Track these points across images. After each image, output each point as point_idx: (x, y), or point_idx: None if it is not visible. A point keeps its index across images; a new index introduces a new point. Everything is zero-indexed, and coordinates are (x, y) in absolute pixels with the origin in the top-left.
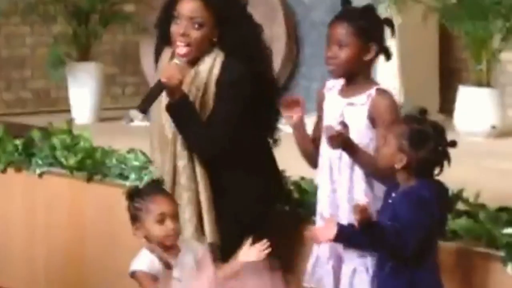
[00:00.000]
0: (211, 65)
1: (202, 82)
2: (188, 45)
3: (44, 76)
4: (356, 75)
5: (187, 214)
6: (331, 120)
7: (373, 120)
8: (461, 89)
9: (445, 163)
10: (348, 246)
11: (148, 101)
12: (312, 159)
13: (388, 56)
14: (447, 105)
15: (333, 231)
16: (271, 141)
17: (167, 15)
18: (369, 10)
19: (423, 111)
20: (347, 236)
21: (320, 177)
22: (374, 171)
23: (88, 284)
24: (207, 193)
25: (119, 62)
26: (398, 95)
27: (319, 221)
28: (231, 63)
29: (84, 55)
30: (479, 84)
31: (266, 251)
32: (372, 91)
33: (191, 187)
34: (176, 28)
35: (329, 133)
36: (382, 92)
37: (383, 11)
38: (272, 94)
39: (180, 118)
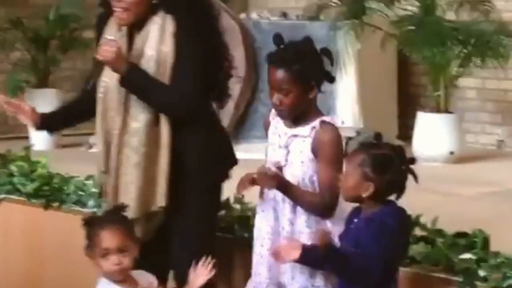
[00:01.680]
0: (162, 23)
1: (153, 41)
2: (126, 9)
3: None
4: (305, 111)
5: (132, 177)
6: (276, 148)
7: (316, 152)
8: (420, 115)
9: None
10: (312, 267)
11: (92, 78)
12: None
13: (331, 80)
14: (405, 131)
15: (297, 252)
16: (216, 102)
17: None
18: (302, 48)
19: (378, 136)
20: (310, 259)
21: (264, 204)
22: (308, 207)
23: None
24: (168, 158)
25: (78, 89)
26: (357, 121)
27: (258, 247)
28: (185, 21)
29: (43, 82)
30: (438, 110)
31: (213, 270)
32: (317, 123)
33: (142, 150)
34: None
35: (260, 174)
36: (326, 124)
37: (341, 38)
38: (221, 53)
39: (139, 87)
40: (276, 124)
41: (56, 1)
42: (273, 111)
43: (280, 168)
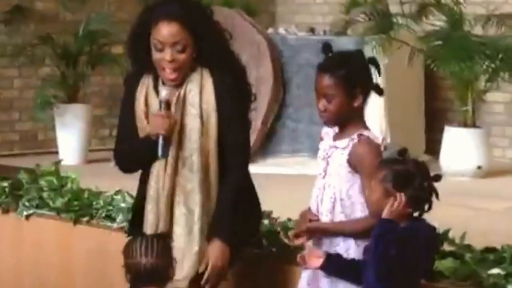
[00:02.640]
0: (200, 81)
1: (196, 99)
2: (177, 69)
3: (32, 118)
4: (349, 120)
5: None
6: (320, 161)
7: (353, 165)
8: (447, 129)
9: (433, 200)
10: (335, 276)
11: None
12: None
13: (380, 93)
14: (433, 146)
15: (319, 261)
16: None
17: (143, 43)
18: (349, 56)
19: (403, 151)
20: (333, 268)
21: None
22: (356, 234)
23: None
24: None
25: (107, 104)
26: (384, 136)
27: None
28: (221, 77)
29: (72, 97)
30: (465, 124)
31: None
32: (355, 136)
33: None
34: (161, 56)
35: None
36: (363, 138)
37: (368, 53)
38: (250, 103)
39: None
40: (326, 138)
41: (85, 17)
42: (324, 128)
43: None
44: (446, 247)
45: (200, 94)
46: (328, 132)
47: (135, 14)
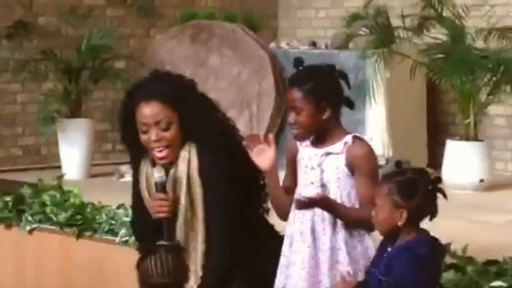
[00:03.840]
0: (188, 159)
1: (183, 178)
2: (165, 147)
3: (34, 133)
4: (324, 130)
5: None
6: (308, 171)
7: (351, 168)
8: (449, 142)
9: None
10: None
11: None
12: (282, 209)
13: (350, 106)
14: (435, 159)
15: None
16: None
17: (130, 128)
18: (317, 69)
19: (399, 163)
20: None
21: (303, 226)
22: (354, 222)
23: None
24: None
25: (110, 118)
26: (386, 149)
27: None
28: (206, 153)
29: (75, 112)
30: (467, 137)
31: None
32: (348, 138)
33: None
34: (147, 137)
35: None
36: (358, 140)
37: (371, 66)
38: (249, 169)
39: None
40: (303, 149)
41: (87, 32)
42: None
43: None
44: (448, 259)
45: (187, 172)
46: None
47: (136, 29)
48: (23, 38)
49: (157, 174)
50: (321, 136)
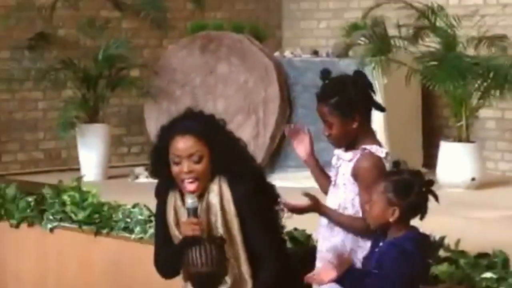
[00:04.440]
0: (219, 191)
1: (217, 210)
2: (196, 180)
3: (55, 138)
4: (355, 136)
5: None
6: (332, 169)
7: (355, 177)
8: (443, 144)
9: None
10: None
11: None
12: (323, 188)
13: (381, 110)
14: (430, 160)
15: (332, 273)
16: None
17: (162, 161)
18: (342, 82)
19: (397, 163)
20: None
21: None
22: (349, 229)
23: None
24: None
25: (125, 124)
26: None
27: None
28: (238, 184)
29: (93, 117)
30: (460, 139)
31: None
32: (359, 149)
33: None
34: (179, 169)
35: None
36: (366, 153)
37: (369, 73)
38: (272, 191)
39: None
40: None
41: (104, 43)
42: None
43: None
44: (442, 253)
45: (221, 204)
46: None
47: (149, 39)
48: (44, 49)
49: (190, 200)
50: (353, 141)
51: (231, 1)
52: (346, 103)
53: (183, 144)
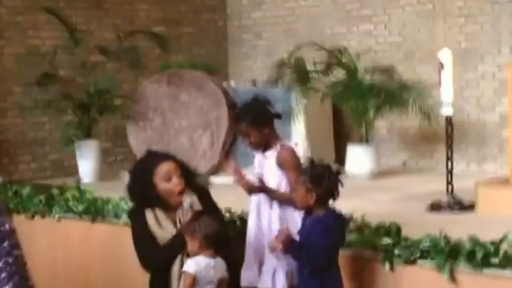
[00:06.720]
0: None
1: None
2: (182, 191)
3: (59, 151)
4: (268, 142)
5: None
6: (256, 169)
7: (279, 165)
8: (349, 146)
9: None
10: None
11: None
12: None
13: (279, 117)
14: (340, 157)
15: (280, 245)
16: None
17: (144, 186)
18: (250, 105)
19: (311, 161)
20: (290, 249)
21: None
22: (283, 202)
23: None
24: None
25: (112, 139)
26: (306, 153)
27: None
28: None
29: (87, 135)
30: (361, 142)
31: None
32: (278, 146)
33: None
34: (172, 184)
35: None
36: (283, 146)
37: (293, 97)
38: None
39: None
40: (257, 155)
41: (94, 80)
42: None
43: (261, 180)
44: (352, 225)
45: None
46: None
47: (128, 76)
48: (48, 85)
49: (188, 199)
50: (266, 145)
51: (189, 46)
52: (256, 118)
53: (169, 164)
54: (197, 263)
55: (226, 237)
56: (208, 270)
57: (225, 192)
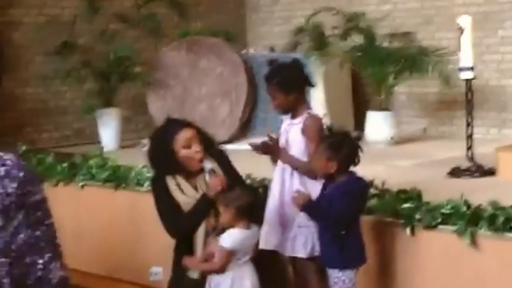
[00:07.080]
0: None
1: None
2: (201, 158)
3: (80, 120)
4: (294, 108)
5: None
6: (282, 132)
7: (304, 133)
8: (369, 113)
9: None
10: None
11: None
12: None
13: (311, 85)
14: (360, 124)
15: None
16: None
17: (165, 154)
18: (282, 66)
19: (330, 128)
20: (309, 208)
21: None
22: (301, 170)
23: (116, 254)
24: None
25: (132, 107)
26: (325, 119)
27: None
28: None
29: (108, 103)
30: (381, 109)
31: None
32: (305, 115)
33: None
34: (192, 150)
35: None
36: (310, 116)
37: (312, 63)
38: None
39: None
40: (284, 119)
41: (114, 48)
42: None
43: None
44: (373, 191)
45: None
46: (285, 117)
47: (148, 44)
48: (68, 54)
49: (209, 164)
50: (293, 111)
51: (208, 13)
52: (285, 82)
53: (189, 131)
54: (234, 237)
55: (258, 205)
56: (245, 242)
57: (243, 158)
